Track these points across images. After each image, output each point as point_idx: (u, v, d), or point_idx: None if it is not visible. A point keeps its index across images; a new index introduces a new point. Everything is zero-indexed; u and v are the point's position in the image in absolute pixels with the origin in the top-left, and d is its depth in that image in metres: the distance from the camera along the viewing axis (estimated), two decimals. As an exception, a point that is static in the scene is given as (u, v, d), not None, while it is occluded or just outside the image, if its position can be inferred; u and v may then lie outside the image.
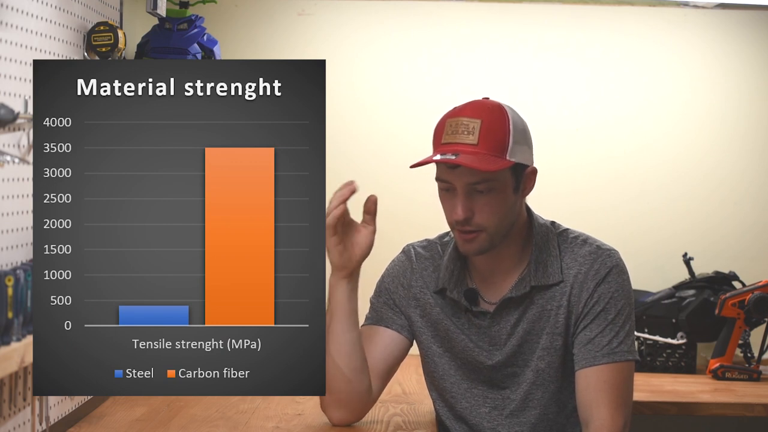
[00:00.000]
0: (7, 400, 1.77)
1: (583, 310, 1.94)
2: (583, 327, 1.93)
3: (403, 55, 3.04)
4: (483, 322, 1.99)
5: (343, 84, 3.04)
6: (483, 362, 2.00)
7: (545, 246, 1.97)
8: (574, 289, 1.94)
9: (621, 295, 1.94)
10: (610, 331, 1.92)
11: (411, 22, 3.04)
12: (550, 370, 1.96)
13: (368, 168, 3.04)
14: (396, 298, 2.08)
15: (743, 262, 2.99)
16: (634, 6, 3.05)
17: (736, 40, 3.05)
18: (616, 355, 1.91)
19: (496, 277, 1.99)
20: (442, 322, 2.03)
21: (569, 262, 1.96)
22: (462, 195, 1.88)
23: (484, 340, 1.99)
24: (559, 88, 3.05)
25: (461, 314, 2.02)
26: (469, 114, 1.90)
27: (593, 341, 1.92)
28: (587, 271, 1.95)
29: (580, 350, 1.93)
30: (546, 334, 1.95)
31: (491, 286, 2.00)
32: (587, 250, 1.97)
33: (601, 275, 1.94)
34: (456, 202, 1.89)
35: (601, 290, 1.93)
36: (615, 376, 1.90)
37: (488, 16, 3.04)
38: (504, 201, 1.90)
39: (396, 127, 3.05)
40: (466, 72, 3.04)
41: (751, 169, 3.08)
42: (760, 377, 2.78)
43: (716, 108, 3.07)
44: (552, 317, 1.95)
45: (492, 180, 1.87)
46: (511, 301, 1.97)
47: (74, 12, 2.08)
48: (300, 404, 2.35)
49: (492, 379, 2.01)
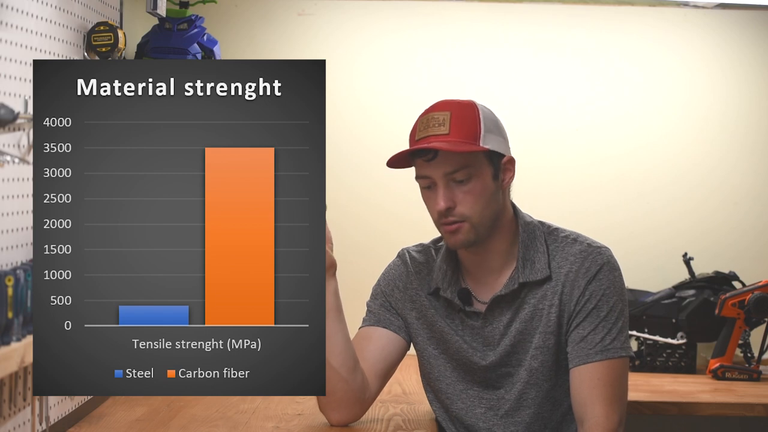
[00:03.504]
0: (7, 400, 1.77)
1: (576, 308, 1.94)
2: (576, 325, 1.94)
3: (403, 55, 3.04)
4: (476, 323, 2.00)
5: (343, 84, 3.04)
6: (477, 363, 2.00)
7: (531, 243, 1.98)
8: (565, 288, 1.95)
9: (613, 292, 1.95)
10: (602, 328, 1.92)
11: (411, 22, 3.04)
12: (544, 369, 1.97)
13: (368, 168, 3.04)
14: (392, 301, 2.09)
15: (743, 262, 2.99)
16: (634, 6, 3.05)
17: (736, 40, 3.05)
18: (610, 351, 1.91)
19: (487, 276, 2.00)
20: (437, 324, 2.03)
21: (560, 260, 1.97)
22: (442, 186, 1.90)
23: (478, 341, 2.00)
24: (559, 88, 3.05)
25: (455, 315, 2.02)
26: (439, 108, 1.93)
27: (586, 339, 1.92)
28: (578, 269, 1.95)
29: (574, 348, 1.93)
30: (539, 333, 1.96)
31: (483, 286, 2.01)
32: (578, 249, 1.97)
33: (592, 272, 1.94)
34: (437, 194, 1.91)
35: (593, 287, 1.94)
36: (609, 373, 1.91)
37: (488, 16, 3.04)
38: (484, 188, 1.91)
39: (396, 127, 3.05)
40: (466, 72, 3.04)
41: (751, 169, 3.08)
42: (760, 377, 2.79)
43: (716, 108, 3.07)
44: (544, 316, 1.95)
45: (469, 166, 1.89)
46: (502, 299, 1.97)
47: (74, 12, 2.08)
48: (300, 404, 2.35)
49: (486, 380, 2.02)
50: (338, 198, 3.05)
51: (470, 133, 1.89)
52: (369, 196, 3.05)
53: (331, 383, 1.92)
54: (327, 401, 2.00)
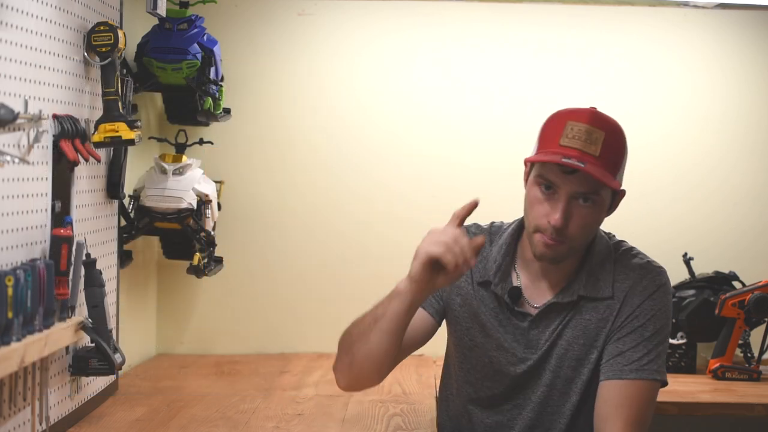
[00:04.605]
0: (7, 400, 1.77)
1: (623, 322, 1.90)
2: (617, 338, 1.90)
3: (403, 55, 3.04)
4: (522, 324, 1.95)
5: (343, 84, 3.04)
6: (511, 362, 1.95)
7: (602, 261, 1.94)
8: (623, 305, 1.91)
9: (662, 315, 1.91)
10: (643, 348, 1.88)
11: (411, 22, 3.04)
12: (578, 380, 1.92)
13: (368, 168, 3.04)
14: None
15: (743, 262, 2.99)
16: (634, 6, 3.05)
17: (736, 40, 3.05)
18: (645, 372, 1.87)
19: (541, 280, 1.95)
20: (480, 316, 1.97)
21: (619, 275, 1.93)
22: (564, 201, 1.84)
23: (520, 342, 1.95)
24: (559, 87, 3.05)
25: (500, 310, 1.97)
26: (594, 123, 1.85)
27: (624, 354, 1.88)
28: (635, 285, 1.92)
29: (609, 361, 1.89)
30: (583, 345, 1.92)
31: (536, 290, 1.96)
32: (638, 264, 1.94)
33: (649, 291, 1.91)
34: (556, 207, 1.84)
35: (645, 306, 1.90)
36: (639, 394, 1.87)
37: (488, 16, 3.04)
38: (597, 218, 1.88)
39: (396, 127, 3.05)
40: (466, 72, 3.04)
41: (751, 169, 3.08)
42: (760, 377, 2.78)
43: (716, 108, 3.07)
44: (592, 329, 1.92)
45: (598, 194, 1.84)
46: (555, 306, 1.93)
47: (74, 12, 2.08)
48: (300, 404, 2.36)
49: (515, 383, 1.97)
50: (338, 198, 3.05)
51: (615, 164, 1.86)
52: (369, 196, 3.05)
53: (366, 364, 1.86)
54: (346, 372, 1.91)
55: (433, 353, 2.65)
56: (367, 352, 1.84)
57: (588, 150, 1.82)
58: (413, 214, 3.02)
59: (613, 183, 1.84)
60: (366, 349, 1.84)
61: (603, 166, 1.82)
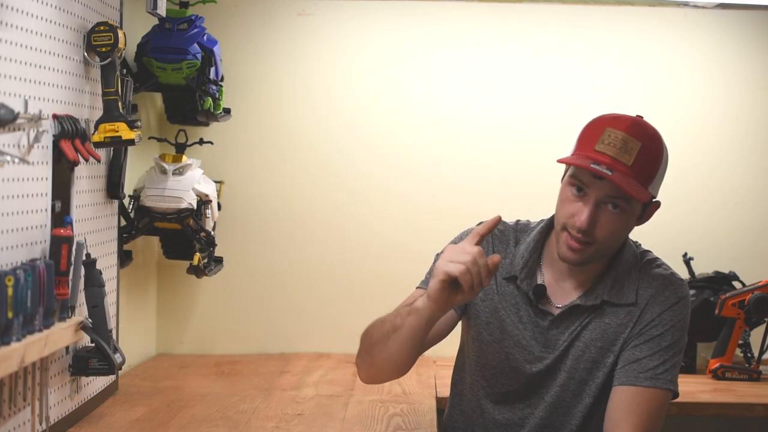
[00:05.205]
0: (7, 400, 1.77)
1: (642, 329, 1.91)
2: (634, 345, 1.91)
3: (403, 55, 3.04)
4: (543, 322, 1.95)
5: (343, 84, 3.04)
6: (528, 360, 1.96)
7: (629, 269, 1.96)
8: (644, 312, 1.92)
9: (681, 327, 1.93)
10: (659, 357, 1.89)
11: (411, 22, 3.04)
12: (592, 383, 1.93)
13: (368, 168, 3.04)
14: None
15: (743, 262, 2.99)
16: (634, 6, 3.05)
17: (736, 40, 3.05)
18: (658, 381, 1.88)
19: (566, 281, 1.96)
20: (500, 312, 1.98)
21: (643, 283, 1.95)
22: (592, 204, 1.85)
23: (539, 340, 1.95)
24: (559, 87, 3.05)
25: (522, 307, 1.97)
26: (632, 133, 1.86)
27: (640, 361, 1.89)
28: (658, 294, 1.93)
29: (624, 367, 1.90)
30: (601, 348, 1.92)
31: (560, 290, 1.96)
32: (661, 274, 1.96)
33: (670, 302, 1.92)
34: (584, 208, 1.85)
35: (666, 316, 1.91)
36: (651, 402, 1.87)
37: (488, 16, 3.04)
38: (626, 225, 1.90)
39: (396, 127, 3.05)
40: (466, 72, 3.04)
41: (751, 169, 3.08)
42: (760, 377, 2.79)
43: (716, 108, 3.07)
44: (611, 333, 1.92)
45: (627, 203, 1.85)
46: (578, 308, 1.94)
47: (74, 12, 2.08)
48: (300, 404, 2.36)
49: (530, 382, 1.97)
50: (338, 198, 3.05)
51: (648, 175, 1.86)
52: (369, 196, 3.05)
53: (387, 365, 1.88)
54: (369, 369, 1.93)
55: (434, 353, 2.64)
56: (387, 357, 1.87)
57: (621, 158, 1.83)
58: (413, 214, 3.02)
59: (641, 194, 1.84)
60: (386, 353, 1.87)
61: (633, 176, 1.83)
